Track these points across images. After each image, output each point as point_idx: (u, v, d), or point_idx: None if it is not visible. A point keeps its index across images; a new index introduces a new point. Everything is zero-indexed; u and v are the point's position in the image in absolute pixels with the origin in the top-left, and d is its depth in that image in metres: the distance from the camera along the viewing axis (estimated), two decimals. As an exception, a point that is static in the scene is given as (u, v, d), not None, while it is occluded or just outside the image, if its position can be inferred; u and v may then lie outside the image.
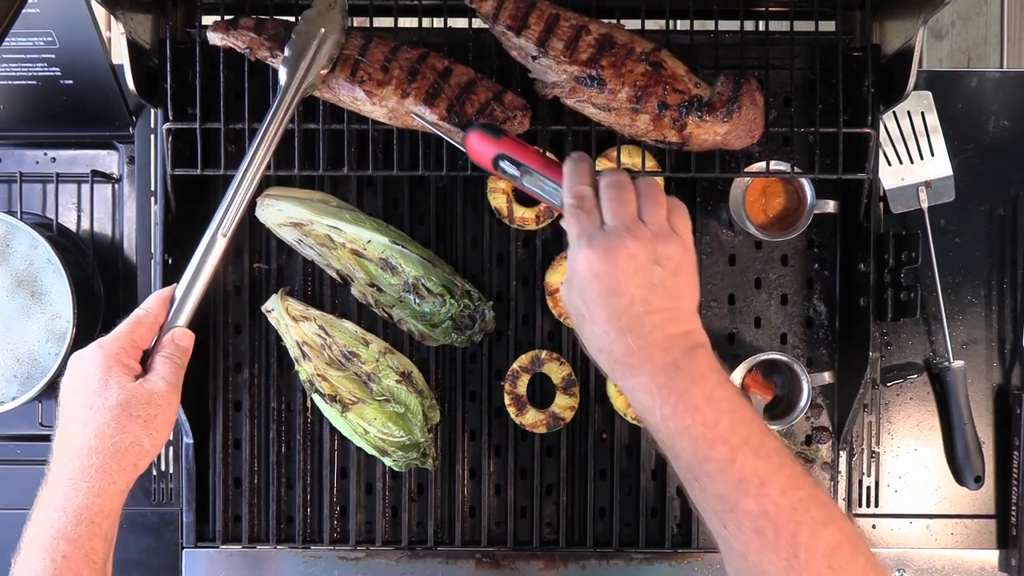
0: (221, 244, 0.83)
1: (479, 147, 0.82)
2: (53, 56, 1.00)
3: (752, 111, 0.89)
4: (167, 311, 0.83)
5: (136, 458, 0.77)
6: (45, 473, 0.77)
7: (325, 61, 0.87)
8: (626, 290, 0.70)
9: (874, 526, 1.07)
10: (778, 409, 1.02)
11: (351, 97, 0.89)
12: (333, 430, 1.04)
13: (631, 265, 0.70)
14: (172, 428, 0.82)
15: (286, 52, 0.86)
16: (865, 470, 1.07)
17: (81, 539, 0.73)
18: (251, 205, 0.88)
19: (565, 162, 0.77)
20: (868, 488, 1.07)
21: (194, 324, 0.81)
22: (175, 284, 0.84)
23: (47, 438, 1.07)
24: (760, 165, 0.99)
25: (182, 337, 0.83)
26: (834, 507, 0.69)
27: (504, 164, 0.80)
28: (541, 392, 1.06)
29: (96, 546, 0.74)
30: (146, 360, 0.82)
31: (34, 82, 1.02)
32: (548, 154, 0.90)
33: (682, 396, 0.69)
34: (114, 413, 0.75)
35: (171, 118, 0.95)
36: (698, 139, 0.89)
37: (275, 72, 0.91)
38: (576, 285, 0.72)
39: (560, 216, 0.77)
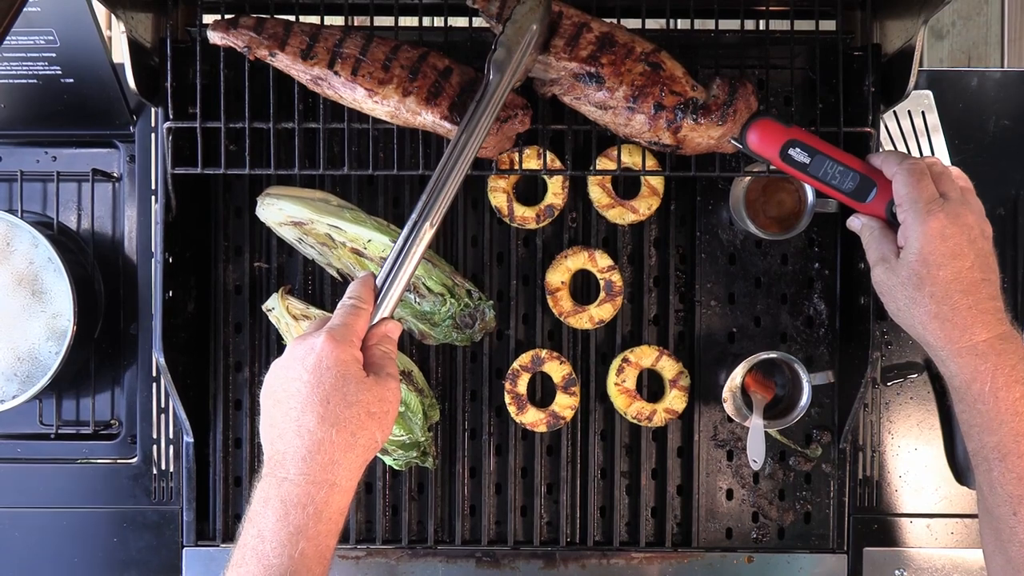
0: (428, 235, 0.80)
1: (766, 134, 0.87)
2: (54, 55, 1.00)
3: (747, 116, 0.89)
4: (374, 300, 0.80)
5: (371, 454, 0.76)
6: (269, 461, 0.74)
7: (533, 50, 0.86)
8: (967, 254, 0.77)
9: (874, 525, 1.07)
10: (778, 409, 1.02)
11: (352, 96, 0.89)
12: (333, 429, 1.04)
13: (970, 233, 0.79)
14: None
15: (496, 53, 0.84)
16: (865, 469, 1.07)
17: (320, 536, 0.71)
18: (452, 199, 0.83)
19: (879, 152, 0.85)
20: (868, 487, 1.07)
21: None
22: (369, 272, 0.82)
23: (47, 437, 1.09)
24: (760, 165, 0.99)
25: (394, 330, 0.81)
26: None
27: (793, 151, 0.85)
28: (541, 391, 1.06)
29: (330, 543, 0.73)
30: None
31: (35, 81, 1.02)
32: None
33: (1015, 367, 0.74)
34: (354, 411, 0.73)
35: (171, 117, 0.95)
36: (692, 142, 0.89)
37: (275, 71, 0.92)
38: (919, 250, 0.78)
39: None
